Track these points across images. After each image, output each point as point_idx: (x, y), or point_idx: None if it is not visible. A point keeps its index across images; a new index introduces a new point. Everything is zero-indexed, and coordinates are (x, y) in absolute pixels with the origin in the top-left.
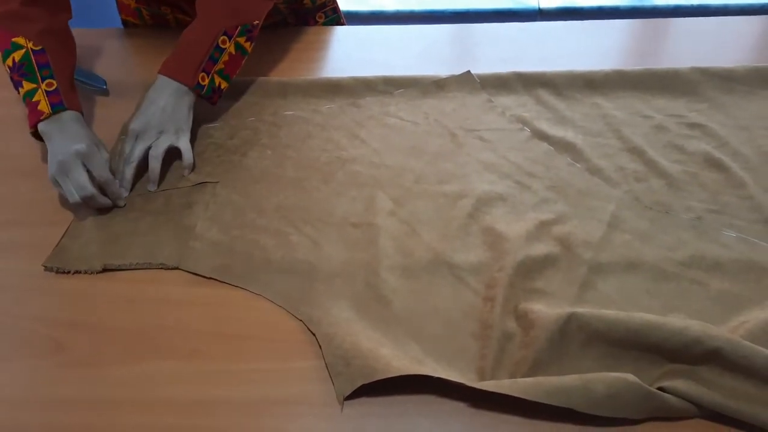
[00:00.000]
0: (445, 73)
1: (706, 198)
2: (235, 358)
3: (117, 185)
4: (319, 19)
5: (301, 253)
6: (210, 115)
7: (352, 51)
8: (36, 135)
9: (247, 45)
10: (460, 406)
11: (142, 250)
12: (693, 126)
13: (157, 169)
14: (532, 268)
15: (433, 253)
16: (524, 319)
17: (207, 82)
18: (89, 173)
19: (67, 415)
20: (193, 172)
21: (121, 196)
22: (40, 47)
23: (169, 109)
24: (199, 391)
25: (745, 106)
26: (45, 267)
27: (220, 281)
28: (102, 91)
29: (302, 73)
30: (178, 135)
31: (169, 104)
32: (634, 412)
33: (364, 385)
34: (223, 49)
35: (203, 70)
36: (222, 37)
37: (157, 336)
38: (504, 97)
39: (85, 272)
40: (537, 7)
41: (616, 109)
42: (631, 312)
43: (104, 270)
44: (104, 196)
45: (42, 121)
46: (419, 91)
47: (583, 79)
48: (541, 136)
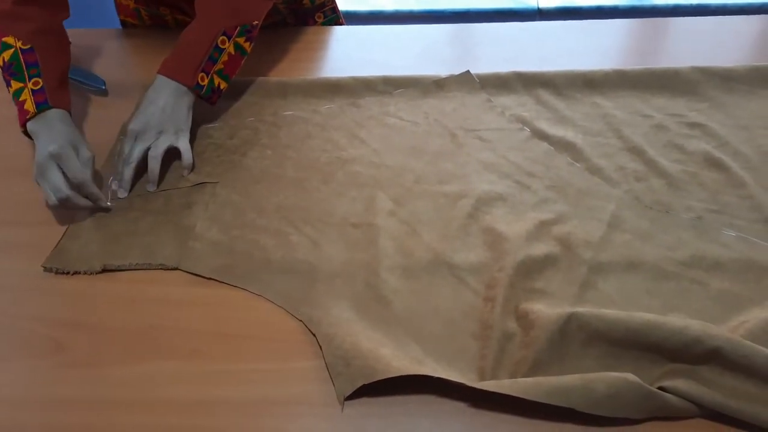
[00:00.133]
0: (444, 73)
1: (706, 197)
2: (235, 359)
3: (94, 186)
4: (318, 19)
5: (301, 254)
6: (209, 115)
7: (351, 51)
8: (28, 134)
9: (247, 45)
10: (460, 406)
11: (142, 251)
12: (693, 125)
13: (156, 170)
14: (532, 268)
15: (433, 254)
16: (524, 319)
17: (206, 82)
18: (65, 175)
19: (67, 416)
20: (192, 173)
21: (101, 197)
22: (29, 46)
23: (168, 110)
24: (200, 391)
25: (745, 105)
26: (44, 268)
27: (220, 281)
28: (101, 92)
29: (302, 73)
30: (178, 135)
31: (169, 104)
32: (634, 411)
33: (364, 386)
34: (223, 50)
35: (202, 71)
36: (221, 38)
37: (157, 336)
38: (504, 97)
39: (85, 273)
40: (536, 7)
41: (616, 109)
42: (632, 312)
43: (104, 270)
44: (83, 198)
45: (29, 120)
46: (419, 91)
47: (583, 78)
48: (541, 135)
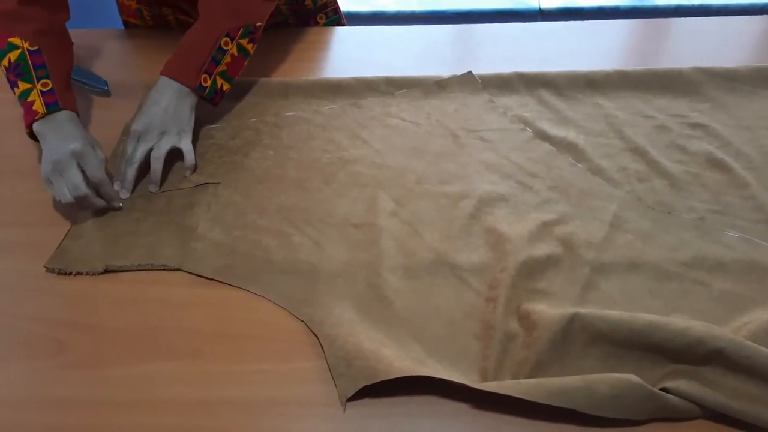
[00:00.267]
0: (446, 74)
1: (709, 198)
2: (237, 359)
3: (111, 186)
4: (320, 20)
5: (303, 254)
6: (212, 116)
7: (353, 52)
8: (32, 135)
9: (250, 47)
10: (462, 407)
11: (144, 251)
12: (695, 126)
13: (158, 170)
14: (534, 269)
15: (434, 254)
16: (526, 320)
17: (209, 83)
18: (84, 173)
19: (68, 416)
20: (194, 173)
21: (116, 197)
22: (36, 48)
23: (171, 110)
24: (201, 391)
25: (748, 106)
26: (46, 268)
27: (222, 282)
28: (103, 92)
29: (303, 74)
30: (180, 136)
31: (171, 105)
32: (637, 412)
33: (366, 386)
34: (226, 51)
35: (205, 72)
36: (224, 39)
37: (158, 337)
38: (506, 98)
39: (87, 273)
40: (538, 8)
41: (618, 109)
42: (634, 312)
43: (106, 271)
44: (98, 197)
45: (37, 120)
46: (421, 92)
47: (585, 79)
48: (543, 136)
